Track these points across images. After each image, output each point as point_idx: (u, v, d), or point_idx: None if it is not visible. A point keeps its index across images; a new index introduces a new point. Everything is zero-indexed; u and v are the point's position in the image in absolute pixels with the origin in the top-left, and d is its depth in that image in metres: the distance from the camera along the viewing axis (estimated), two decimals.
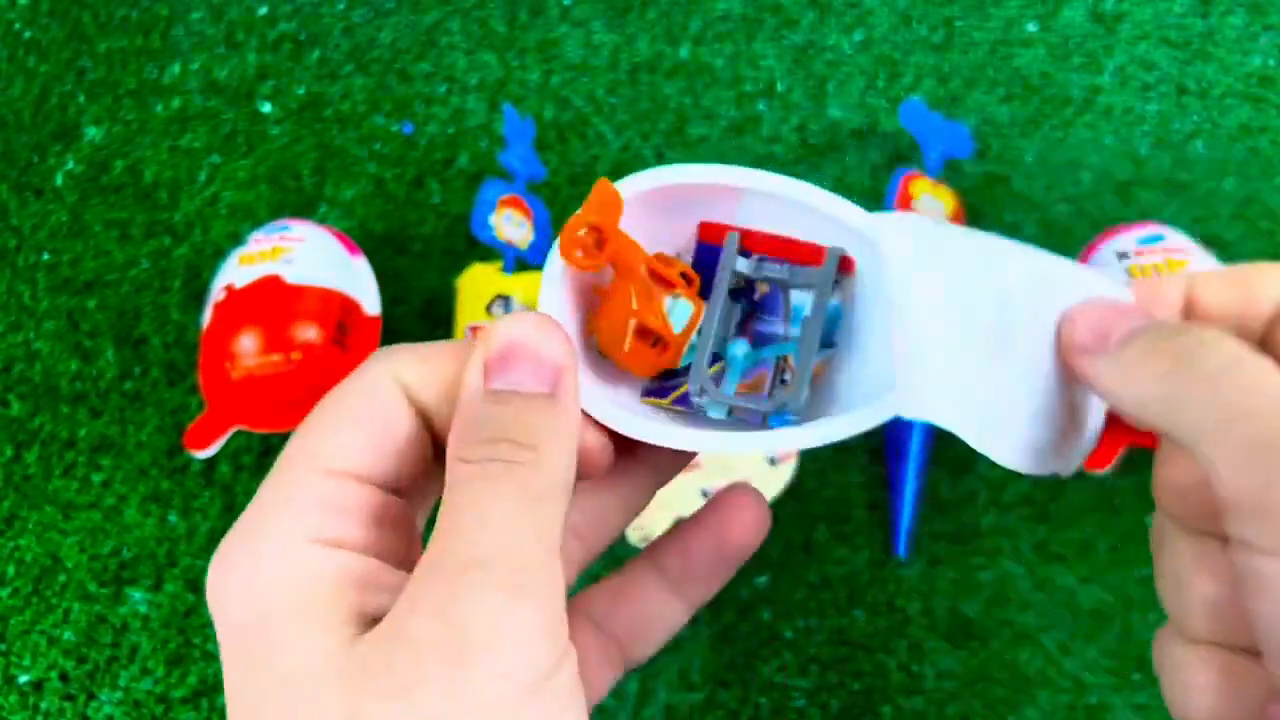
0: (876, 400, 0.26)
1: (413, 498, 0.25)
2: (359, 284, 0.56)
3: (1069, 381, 0.25)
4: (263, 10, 0.71)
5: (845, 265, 0.28)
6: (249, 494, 0.57)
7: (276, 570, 0.21)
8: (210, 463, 0.57)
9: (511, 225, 0.58)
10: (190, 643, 0.53)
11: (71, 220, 0.65)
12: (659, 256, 0.29)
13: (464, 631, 0.19)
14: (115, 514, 0.56)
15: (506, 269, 0.57)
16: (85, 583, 0.55)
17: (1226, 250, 0.59)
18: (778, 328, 0.29)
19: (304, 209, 0.64)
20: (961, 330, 0.26)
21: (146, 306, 0.62)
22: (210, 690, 0.52)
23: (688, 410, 0.29)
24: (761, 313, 0.30)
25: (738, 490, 0.29)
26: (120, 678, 0.52)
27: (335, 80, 0.68)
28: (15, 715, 0.52)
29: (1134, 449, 0.49)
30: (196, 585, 0.54)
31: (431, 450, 0.25)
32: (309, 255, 0.55)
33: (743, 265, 0.29)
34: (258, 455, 0.57)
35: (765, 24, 0.69)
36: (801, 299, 0.29)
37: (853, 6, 0.69)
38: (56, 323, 0.62)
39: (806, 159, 0.64)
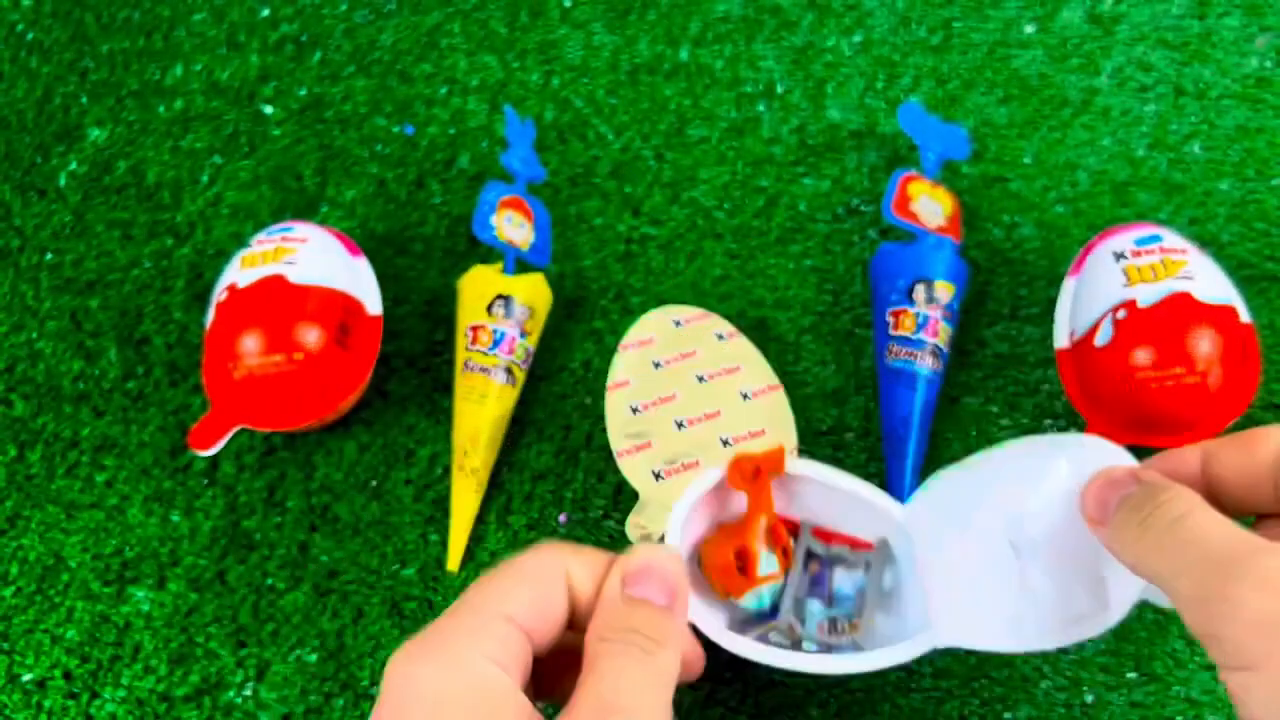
0: (915, 636, 0.41)
1: (541, 653, 0.34)
2: (361, 284, 0.57)
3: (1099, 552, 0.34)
4: (264, 12, 0.71)
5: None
6: (251, 493, 0.58)
7: (461, 679, 0.28)
8: (213, 462, 0.57)
9: (512, 226, 0.58)
10: (193, 641, 0.53)
11: (74, 220, 0.65)
12: (784, 518, 0.46)
13: None
14: (118, 513, 0.56)
15: (507, 270, 0.57)
16: (88, 582, 0.55)
17: (1223, 251, 0.59)
18: (824, 595, 0.46)
19: (306, 210, 0.64)
20: (979, 565, 0.37)
21: (149, 307, 0.62)
22: (212, 689, 0.52)
23: (769, 643, 0.44)
24: (814, 585, 0.47)
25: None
26: (123, 676, 0.53)
27: (337, 81, 0.69)
28: (18, 714, 0.52)
29: None
30: (199, 584, 0.54)
31: (568, 620, 0.34)
32: (311, 256, 0.56)
33: (816, 546, 0.47)
34: (260, 455, 0.57)
35: (765, 26, 0.69)
36: (840, 578, 0.46)
37: (851, 8, 0.69)
38: (59, 323, 0.62)
39: (805, 160, 0.64)
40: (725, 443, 0.48)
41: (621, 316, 0.60)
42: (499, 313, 0.56)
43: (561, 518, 0.54)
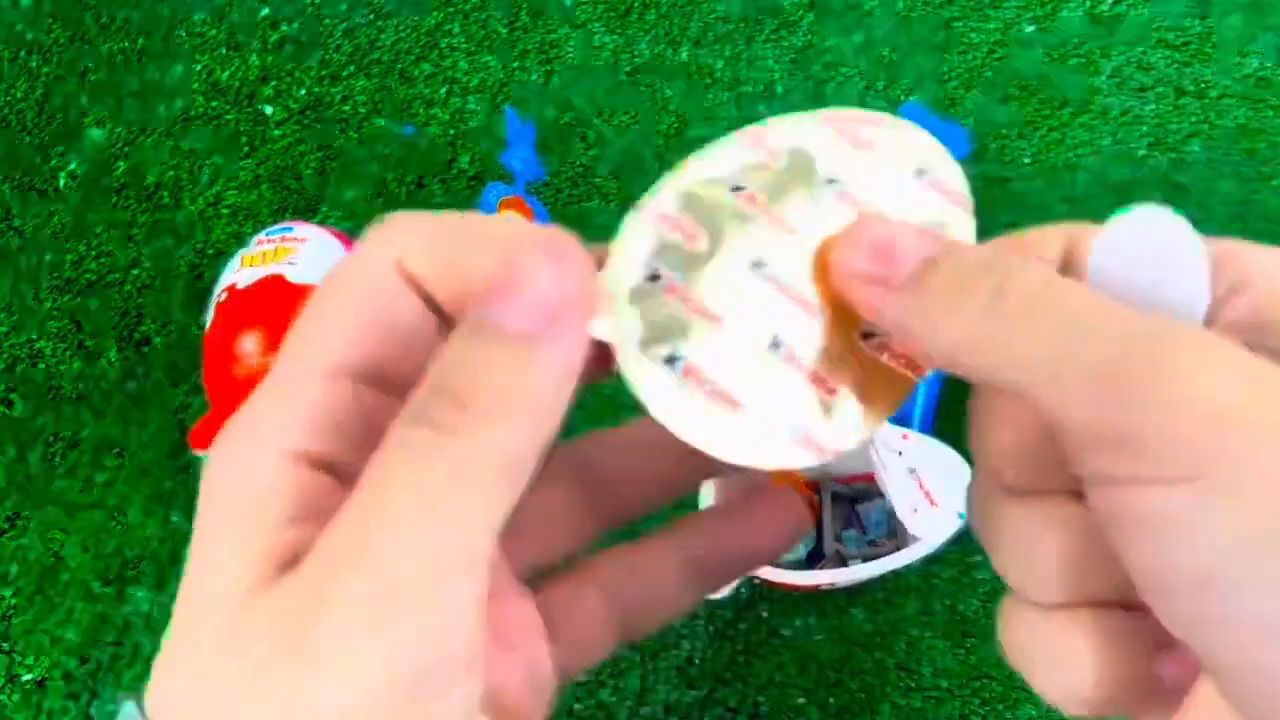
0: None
1: (407, 387, 0.20)
2: None
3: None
4: (265, 12, 0.71)
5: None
6: None
7: (241, 484, 0.19)
8: None
9: None
10: None
11: (74, 221, 0.65)
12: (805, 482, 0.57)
13: (315, 654, 0.17)
14: (118, 514, 0.56)
15: None
16: (88, 582, 0.55)
17: None
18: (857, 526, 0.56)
19: (306, 210, 0.64)
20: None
21: (149, 307, 0.62)
22: None
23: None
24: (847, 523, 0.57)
25: (780, 495, 0.27)
26: (123, 676, 0.53)
27: (337, 82, 0.69)
28: (19, 714, 0.52)
29: None
30: None
31: (434, 336, 0.21)
32: (311, 256, 0.56)
33: (841, 489, 0.56)
34: None
35: (764, 26, 0.69)
36: (866, 508, 0.56)
37: (852, 9, 0.69)
38: (59, 323, 0.62)
39: None
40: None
41: None
42: None
43: None
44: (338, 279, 0.20)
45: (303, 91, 0.68)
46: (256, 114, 0.68)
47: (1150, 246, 0.20)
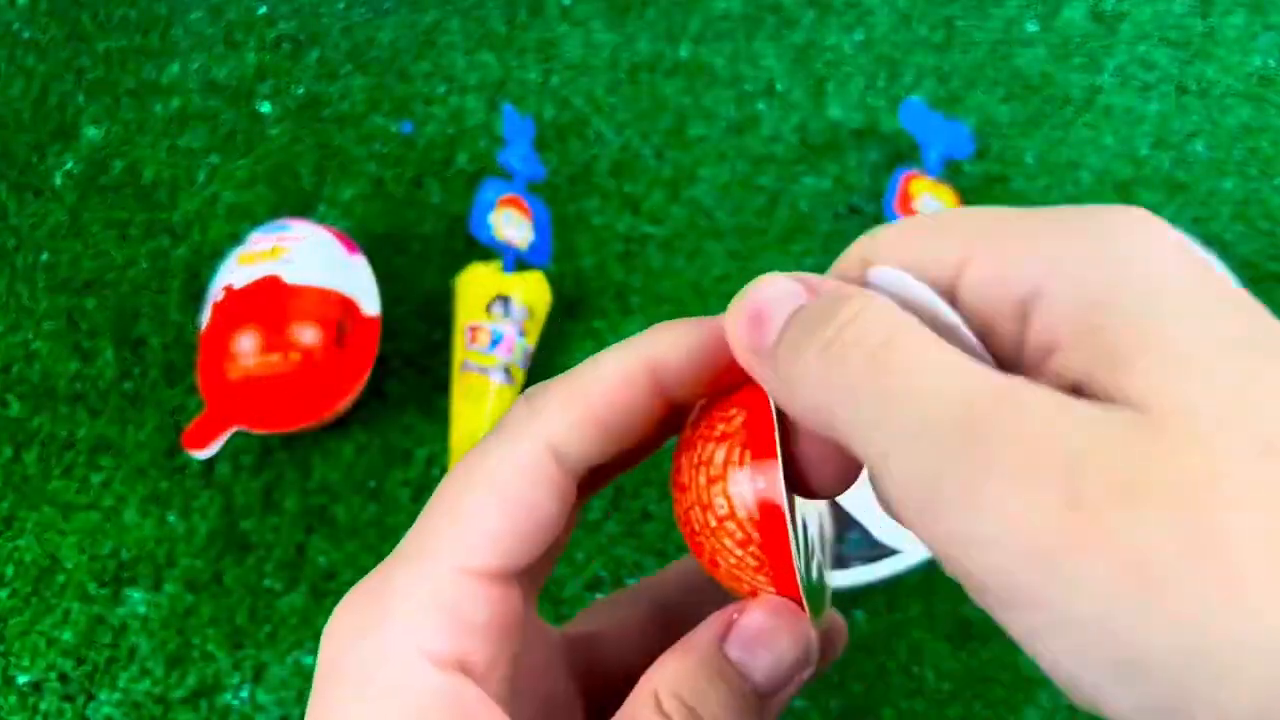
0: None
1: (533, 576, 0.22)
2: (358, 284, 0.56)
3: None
4: (262, 10, 0.71)
5: None
6: (248, 494, 0.57)
7: (384, 682, 0.19)
8: (209, 463, 0.57)
9: (511, 225, 0.58)
10: (189, 643, 0.53)
11: (70, 220, 0.65)
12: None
13: None
14: (114, 514, 0.56)
15: (506, 269, 0.57)
16: (84, 583, 0.54)
17: (1227, 250, 0.59)
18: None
19: (303, 209, 0.64)
20: None
21: (145, 306, 0.62)
22: (209, 691, 0.51)
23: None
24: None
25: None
26: (119, 679, 0.52)
27: (334, 80, 0.68)
28: (14, 716, 0.52)
29: None
30: (195, 585, 0.54)
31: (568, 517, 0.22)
32: (308, 255, 0.55)
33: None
34: (257, 455, 0.57)
35: (765, 23, 0.69)
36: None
37: (853, 6, 0.69)
38: (55, 323, 0.61)
39: (806, 159, 0.64)
40: None
41: (622, 316, 0.60)
42: (497, 312, 0.55)
43: None
44: (486, 466, 0.21)
45: (300, 90, 0.68)
46: (253, 112, 0.67)
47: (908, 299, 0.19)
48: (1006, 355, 0.18)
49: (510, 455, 0.20)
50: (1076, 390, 0.16)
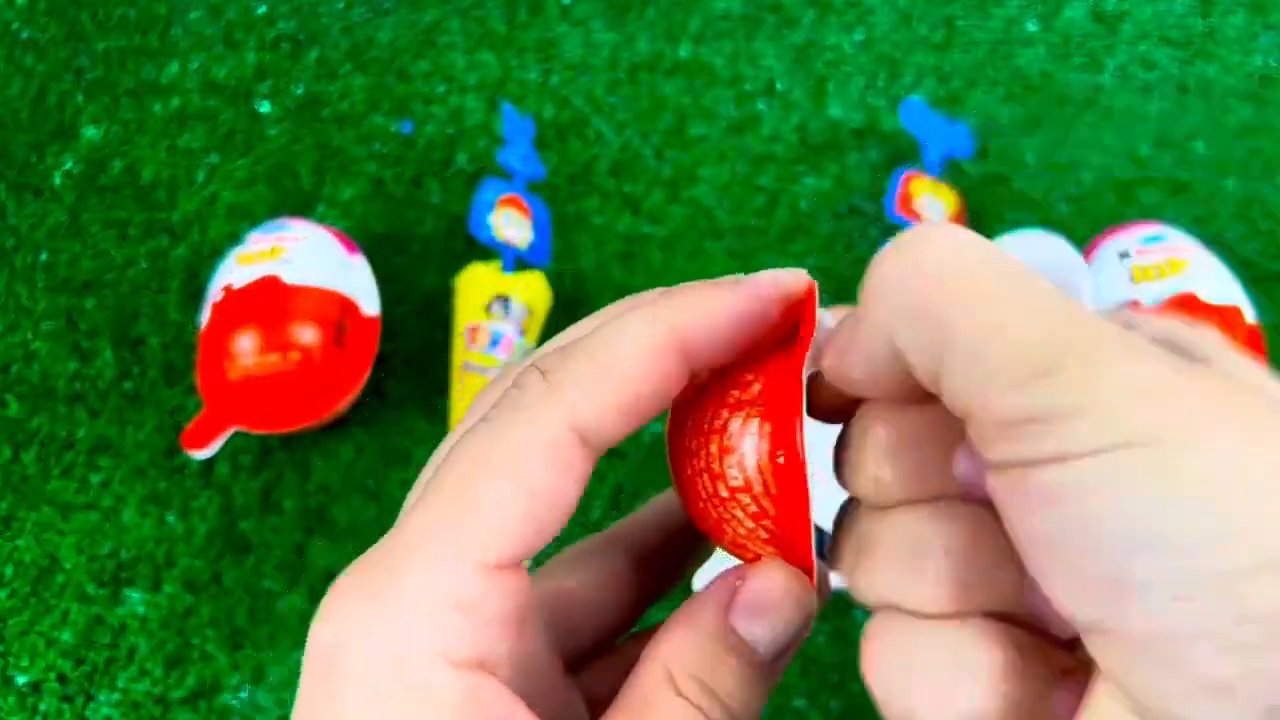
0: None
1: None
2: (357, 284, 0.56)
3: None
4: (261, 10, 0.71)
5: None
6: (247, 495, 0.57)
7: (400, 685, 0.18)
8: (209, 463, 0.57)
9: (510, 225, 0.57)
10: (189, 644, 0.53)
11: (69, 220, 0.64)
12: None
13: None
14: (113, 514, 0.56)
15: (506, 268, 0.57)
16: (83, 584, 0.54)
17: (1228, 250, 0.59)
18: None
19: (302, 208, 0.64)
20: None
21: (145, 306, 0.61)
22: (208, 692, 0.51)
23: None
24: None
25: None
26: (118, 679, 0.52)
27: (334, 80, 0.68)
28: (13, 716, 0.52)
29: None
30: (194, 586, 0.54)
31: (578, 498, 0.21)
32: (307, 255, 0.55)
33: None
34: (257, 456, 0.57)
35: (765, 23, 0.69)
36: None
37: (853, 6, 0.69)
38: (54, 323, 0.61)
39: (806, 158, 0.64)
40: None
41: None
42: (497, 312, 0.55)
43: None
44: (507, 449, 0.19)
45: (299, 89, 0.68)
46: (253, 112, 0.67)
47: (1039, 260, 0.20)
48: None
49: (533, 438, 0.19)
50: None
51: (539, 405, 0.19)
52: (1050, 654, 0.18)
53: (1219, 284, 0.51)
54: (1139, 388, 0.16)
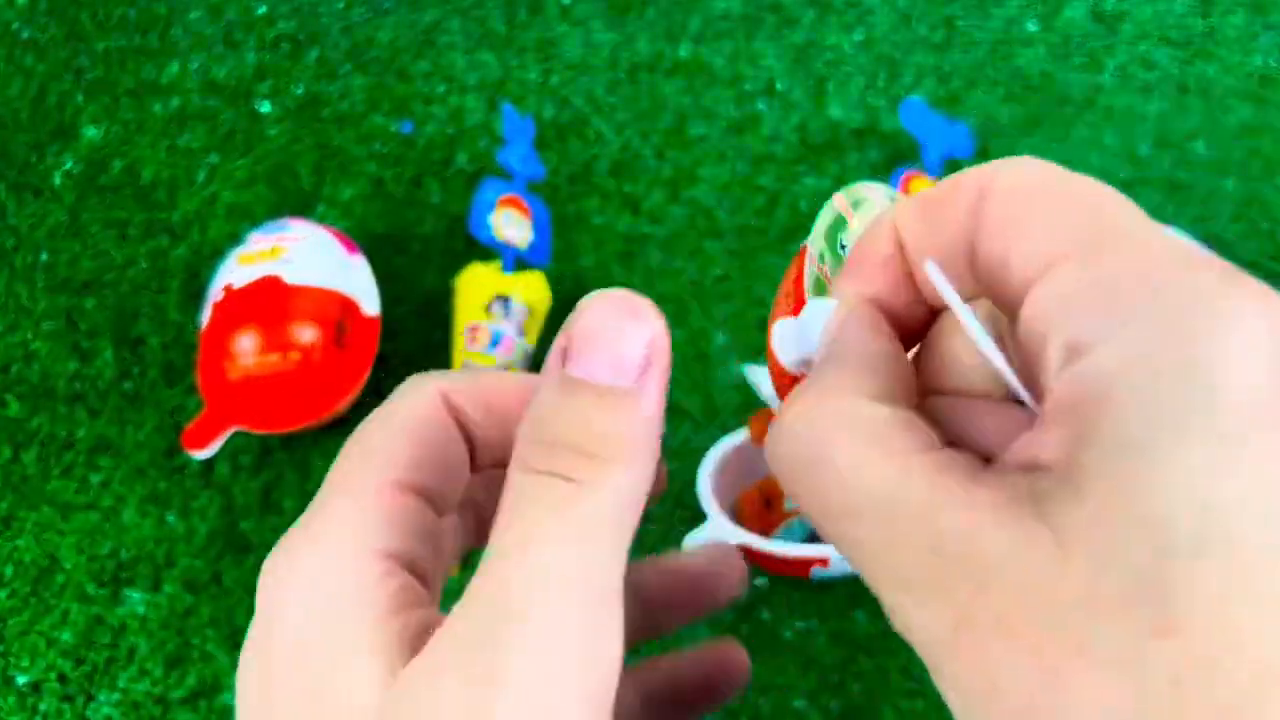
0: None
1: (446, 510, 0.24)
2: (358, 284, 0.56)
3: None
4: (261, 10, 0.71)
5: None
6: (247, 495, 0.57)
7: (344, 579, 0.20)
8: (209, 463, 0.57)
9: (510, 225, 0.57)
10: (189, 644, 0.53)
11: (70, 220, 0.64)
12: None
13: (493, 702, 0.18)
14: (113, 514, 0.56)
15: (506, 268, 0.57)
16: (83, 584, 0.54)
17: (1228, 250, 0.59)
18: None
19: (302, 208, 0.64)
20: None
21: (145, 306, 0.61)
22: (209, 692, 0.51)
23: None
24: None
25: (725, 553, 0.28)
26: (119, 679, 0.52)
27: (334, 80, 0.68)
28: (13, 716, 0.52)
29: None
30: (195, 586, 0.54)
31: (469, 464, 0.24)
32: (307, 255, 0.55)
33: None
34: (257, 456, 0.57)
35: (765, 23, 0.69)
36: None
37: (853, 6, 0.69)
38: (55, 323, 0.61)
39: (806, 158, 0.64)
40: None
41: None
42: (497, 312, 0.55)
43: None
44: (390, 406, 0.23)
45: (299, 89, 0.68)
46: (253, 112, 0.67)
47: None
48: (1029, 365, 0.18)
49: (406, 395, 0.23)
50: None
51: (414, 379, 0.23)
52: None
53: None
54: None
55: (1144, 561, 0.14)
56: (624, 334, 0.20)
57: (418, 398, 0.23)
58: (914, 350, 0.21)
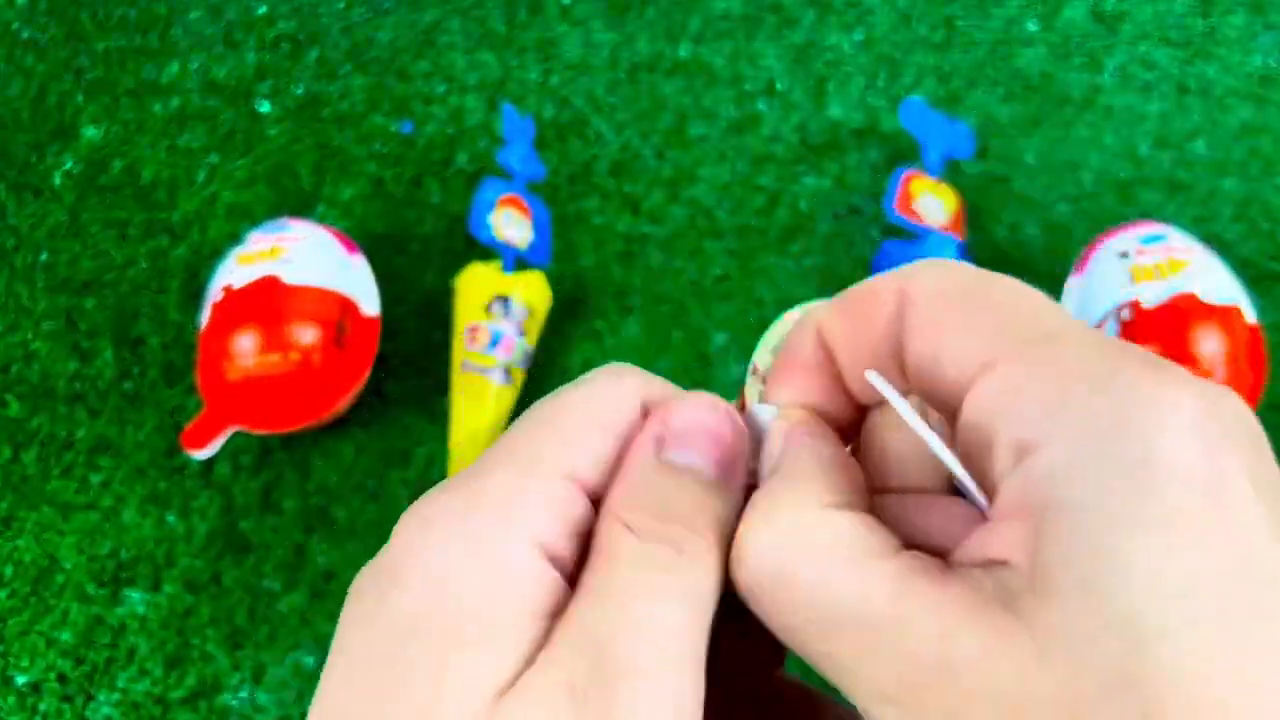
0: None
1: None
2: (357, 284, 0.56)
3: None
4: (261, 10, 0.71)
5: None
6: (247, 495, 0.57)
7: (508, 565, 0.19)
8: (209, 463, 0.57)
9: (510, 225, 0.57)
10: (189, 644, 0.53)
11: (70, 220, 0.64)
12: None
13: None
14: (113, 514, 0.56)
15: (506, 268, 0.57)
16: (83, 584, 0.54)
17: (1228, 250, 0.59)
18: None
19: (302, 208, 0.64)
20: None
21: (145, 306, 0.61)
22: (209, 692, 0.51)
23: None
24: None
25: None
26: (118, 679, 0.52)
27: (334, 80, 0.68)
28: (13, 716, 0.52)
29: None
30: (194, 586, 0.54)
31: None
32: (307, 255, 0.55)
33: None
34: (257, 456, 0.57)
35: (765, 23, 0.69)
36: None
37: (853, 6, 0.69)
38: (55, 323, 0.61)
39: (806, 158, 0.64)
40: None
41: (621, 317, 0.59)
42: (497, 312, 0.55)
43: None
44: (589, 392, 0.22)
45: (299, 89, 0.68)
46: (253, 112, 0.67)
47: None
48: (978, 465, 0.19)
49: (610, 388, 0.22)
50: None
51: (617, 376, 0.22)
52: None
53: (1219, 284, 0.51)
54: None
55: (1121, 658, 0.14)
56: (726, 433, 0.21)
57: (621, 396, 0.22)
58: (847, 450, 0.22)
